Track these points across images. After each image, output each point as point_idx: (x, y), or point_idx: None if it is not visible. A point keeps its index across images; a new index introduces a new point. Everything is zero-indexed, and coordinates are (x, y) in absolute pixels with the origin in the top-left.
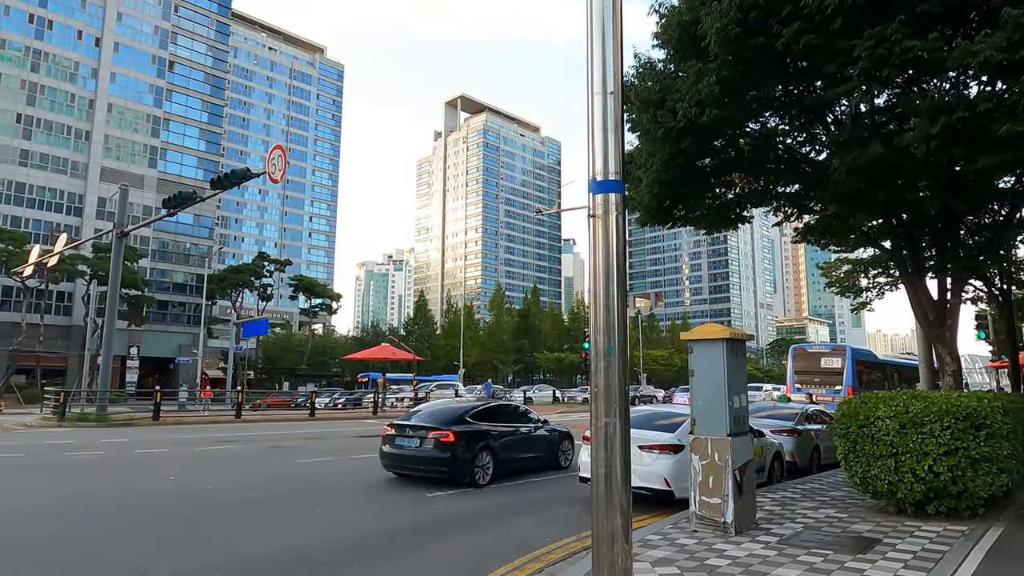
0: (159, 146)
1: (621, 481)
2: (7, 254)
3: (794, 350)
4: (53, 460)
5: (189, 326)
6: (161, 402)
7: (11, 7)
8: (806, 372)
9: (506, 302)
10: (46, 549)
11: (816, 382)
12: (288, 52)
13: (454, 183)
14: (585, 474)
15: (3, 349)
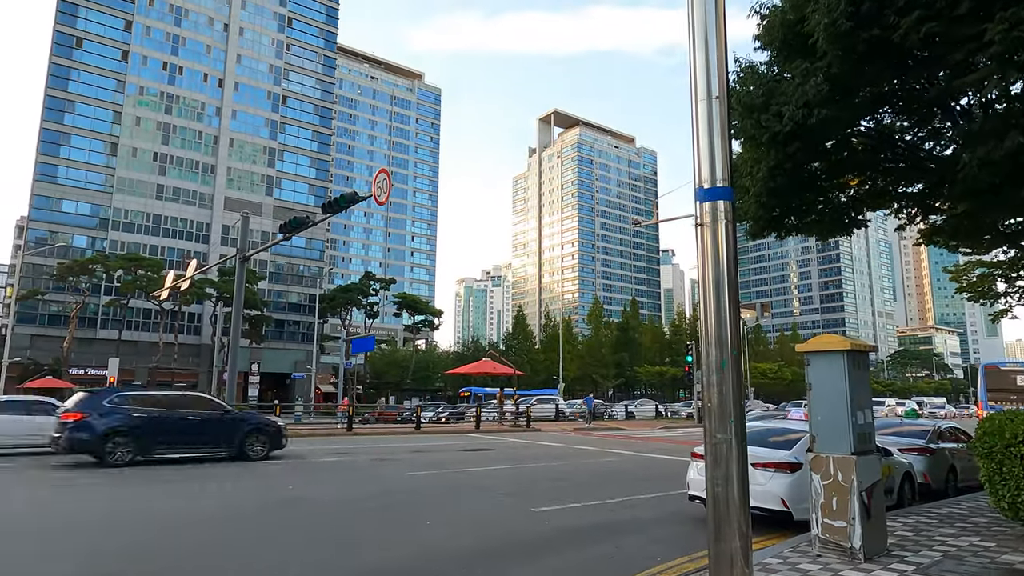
0: (275, 175)
1: (739, 501)
2: (147, 280)
3: (985, 367)
4: (194, 472)
5: (303, 343)
6: (280, 415)
7: (148, 57)
8: (999, 390)
9: (604, 315)
10: (189, 552)
11: (1012, 399)
12: (389, 80)
13: (549, 198)
14: (695, 492)
15: (143, 366)
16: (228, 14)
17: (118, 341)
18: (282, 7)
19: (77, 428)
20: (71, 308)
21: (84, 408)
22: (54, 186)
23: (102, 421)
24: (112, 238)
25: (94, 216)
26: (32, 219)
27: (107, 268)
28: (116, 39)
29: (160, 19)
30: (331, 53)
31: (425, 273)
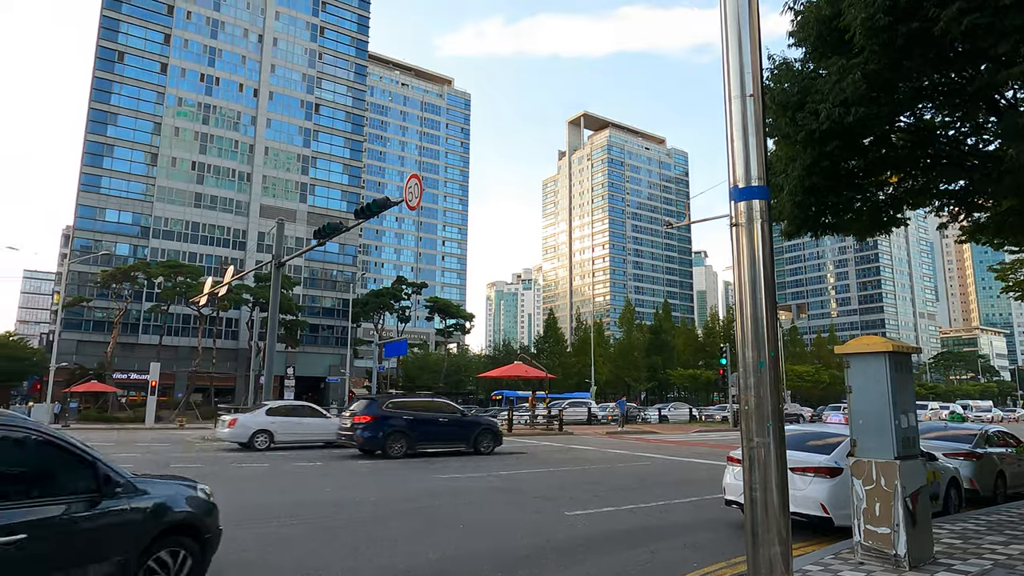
0: (308, 182)
1: (778, 507)
2: (186, 286)
3: None
4: (227, 473)
5: (337, 347)
6: None
7: (187, 69)
8: None
9: (636, 318)
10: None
11: None
12: (419, 86)
13: (580, 200)
14: (731, 497)
15: (183, 370)
16: (262, 25)
17: (159, 346)
18: (314, 17)
19: (367, 428)
20: (114, 314)
21: (370, 412)
22: (98, 196)
23: (384, 423)
24: (153, 246)
25: (136, 224)
26: (77, 228)
27: (148, 275)
28: (156, 52)
29: (197, 32)
30: (362, 61)
31: (456, 277)
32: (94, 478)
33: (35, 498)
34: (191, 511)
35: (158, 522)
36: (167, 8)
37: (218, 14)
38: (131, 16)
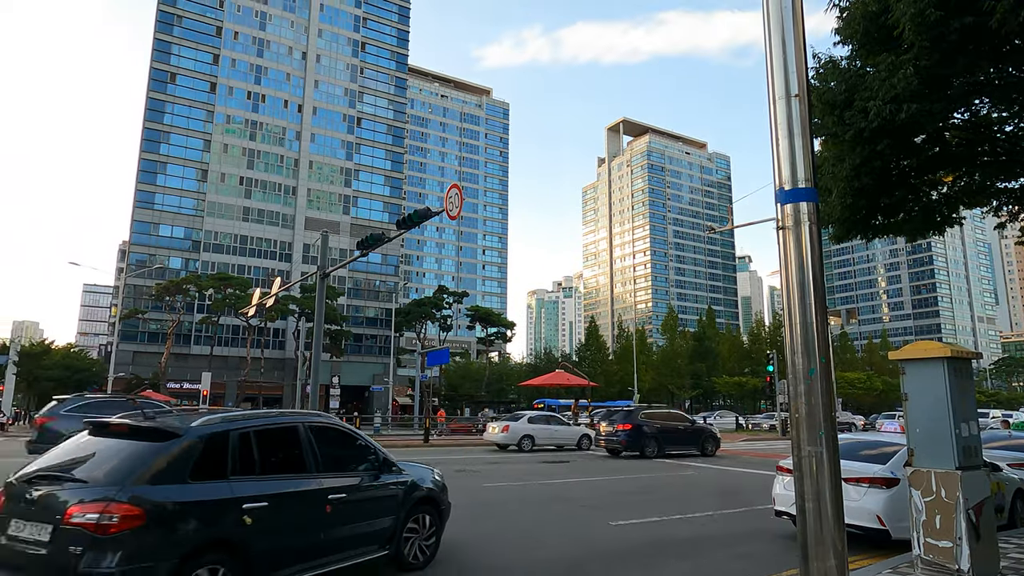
0: (351, 194)
1: (832, 518)
2: (235, 298)
3: None
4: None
5: (380, 356)
6: (360, 427)
7: (234, 87)
8: None
9: (679, 325)
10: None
11: None
12: (458, 97)
13: (620, 207)
14: (781, 507)
15: (233, 380)
16: (306, 43)
17: (210, 356)
18: (356, 33)
19: (629, 434)
20: (168, 326)
21: (630, 421)
22: (152, 212)
23: (641, 430)
24: (204, 259)
25: (187, 239)
26: (133, 243)
27: (199, 287)
28: (205, 72)
29: (244, 51)
30: (402, 74)
31: (497, 285)
32: (377, 460)
33: (348, 470)
34: (432, 488)
35: (413, 494)
36: (216, 29)
37: (264, 33)
38: (182, 39)
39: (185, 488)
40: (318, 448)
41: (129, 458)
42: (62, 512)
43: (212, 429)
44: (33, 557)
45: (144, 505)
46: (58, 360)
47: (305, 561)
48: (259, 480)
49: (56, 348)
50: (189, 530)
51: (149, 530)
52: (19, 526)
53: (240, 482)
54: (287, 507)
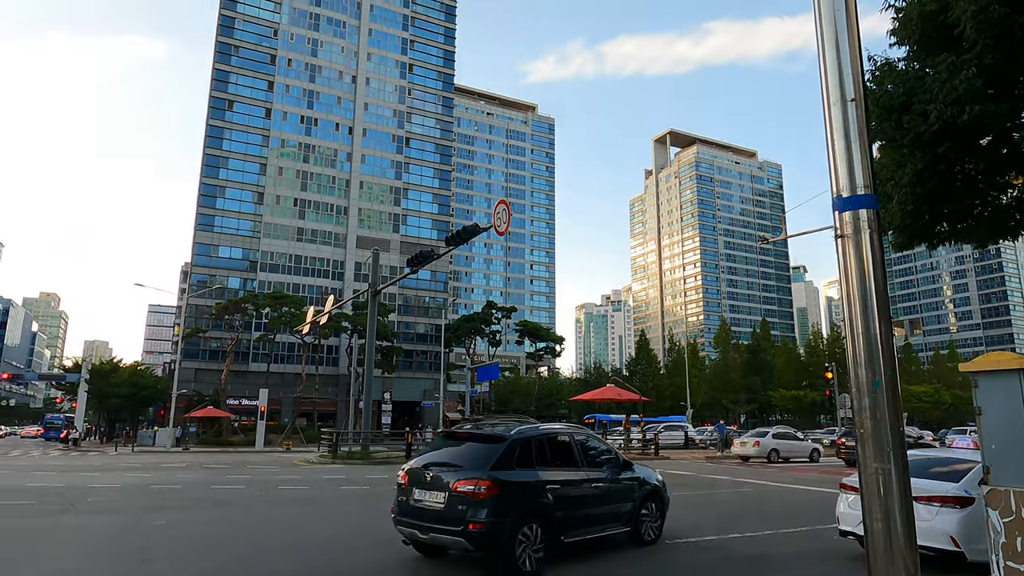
0: (400, 213)
1: (903, 538)
2: (290, 316)
3: None
4: (331, 494)
5: (431, 372)
6: (412, 442)
7: (288, 112)
8: None
9: (732, 338)
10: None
11: None
12: (503, 114)
13: (668, 219)
14: (846, 527)
15: (289, 396)
16: (356, 67)
17: (267, 373)
18: (403, 55)
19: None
20: (227, 344)
21: None
22: (212, 234)
23: None
24: (260, 278)
25: (245, 259)
26: (194, 265)
27: (257, 306)
28: (261, 99)
29: (297, 77)
30: (449, 94)
31: (545, 300)
32: (618, 461)
33: (601, 467)
34: (657, 484)
35: (643, 487)
36: (270, 58)
37: (315, 59)
38: (239, 67)
39: (514, 472)
40: (581, 450)
41: (482, 453)
42: (451, 485)
43: (524, 435)
44: (433, 511)
45: (496, 481)
46: (126, 378)
47: (580, 528)
48: (551, 469)
49: (124, 366)
50: (520, 499)
51: (500, 497)
52: (421, 493)
53: (542, 470)
54: (569, 489)
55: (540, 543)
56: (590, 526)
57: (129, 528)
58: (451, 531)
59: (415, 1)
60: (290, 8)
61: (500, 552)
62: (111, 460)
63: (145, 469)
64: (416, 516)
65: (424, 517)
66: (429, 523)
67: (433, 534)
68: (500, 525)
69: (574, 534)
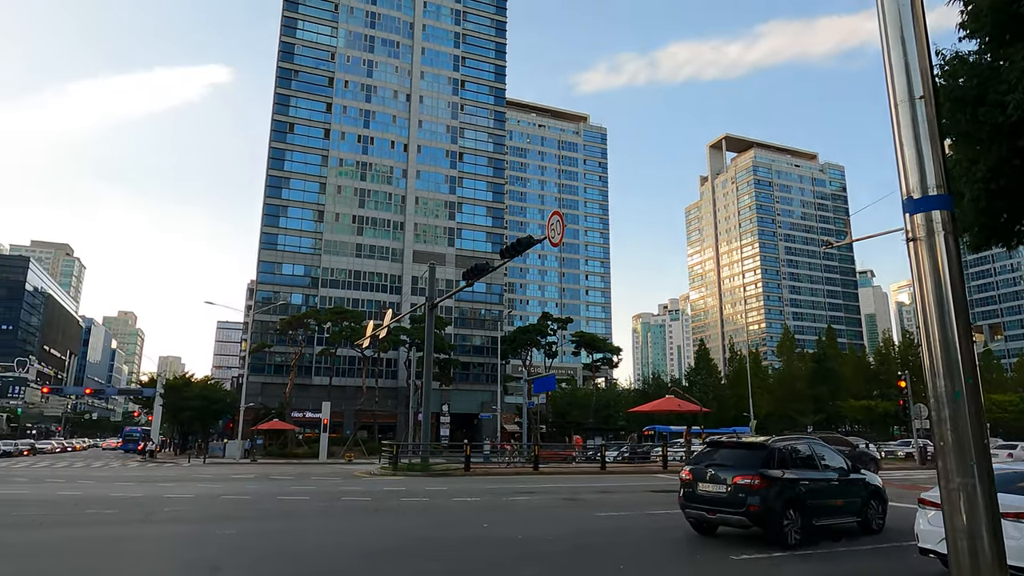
0: (455, 227)
1: (991, 558)
2: (350, 330)
3: None
4: (392, 504)
5: (488, 384)
6: (470, 455)
7: (346, 132)
8: None
9: (797, 346)
10: None
11: None
12: (555, 126)
13: (726, 225)
14: (926, 545)
15: (350, 408)
16: (409, 85)
17: (329, 386)
18: (455, 72)
19: None
20: (291, 358)
21: None
22: (275, 252)
23: None
24: (321, 294)
25: (307, 276)
26: (259, 282)
27: (318, 321)
28: (319, 120)
29: (354, 98)
30: (500, 108)
31: (601, 311)
32: (847, 464)
33: (834, 469)
34: (879, 485)
35: (868, 487)
36: (328, 80)
37: (371, 80)
38: (299, 91)
39: (776, 471)
40: (819, 457)
41: (751, 457)
42: (730, 479)
43: (779, 444)
44: (719, 498)
45: (765, 477)
46: (197, 392)
47: (825, 515)
48: (800, 470)
49: (195, 381)
50: (782, 490)
51: (769, 488)
52: (705, 486)
53: (795, 470)
54: (814, 485)
55: (799, 524)
56: (832, 515)
57: (201, 537)
58: (735, 512)
59: (466, 19)
60: (346, 32)
61: (772, 527)
62: (184, 471)
63: (216, 480)
64: (703, 502)
65: (711, 502)
66: (716, 507)
67: (720, 514)
68: (771, 508)
69: (821, 519)
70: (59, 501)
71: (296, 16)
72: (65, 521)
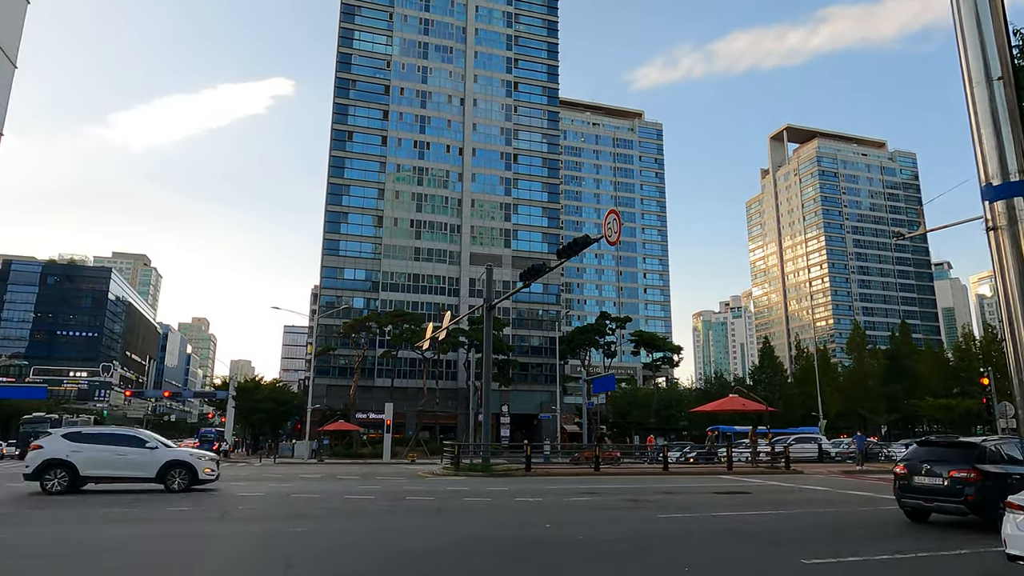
0: (511, 228)
1: None
2: (410, 332)
3: None
4: (455, 504)
5: (546, 385)
6: (531, 455)
7: (402, 138)
8: None
9: (868, 342)
10: None
11: None
12: (609, 124)
13: (789, 219)
14: (1015, 551)
15: (412, 409)
16: (463, 89)
17: (391, 388)
18: (508, 74)
19: None
20: (354, 360)
21: None
22: (337, 258)
23: None
24: (382, 298)
25: (368, 280)
26: (323, 287)
27: (379, 324)
28: (377, 128)
29: (409, 104)
30: (554, 108)
31: (660, 309)
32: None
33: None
34: None
35: None
36: (384, 88)
37: (425, 86)
38: (357, 100)
39: (986, 465)
40: (1020, 451)
41: (963, 453)
42: (946, 473)
43: (987, 443)
44: (936, 489)
45: (979, 471)
46: (267, 394)
47: None
48: (1005, 465)
49: (264, 384)
50: (995, 482)
51: (982, 480)
52: (921, 479)
53: (1003, 465)
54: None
55: None
56: None
57: (273, 535)
58: (953, 500)
59: (518, 21)
60: (401, 40)
61: (988, 515)
62: (256, 471)
63: (286, 479)
64: (920, 493)
65: (928, 493)
66: (933, 496)
67: (937, 503)
68: (987, 498)
69: None
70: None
71: (352, 27)
72: (143, 518)
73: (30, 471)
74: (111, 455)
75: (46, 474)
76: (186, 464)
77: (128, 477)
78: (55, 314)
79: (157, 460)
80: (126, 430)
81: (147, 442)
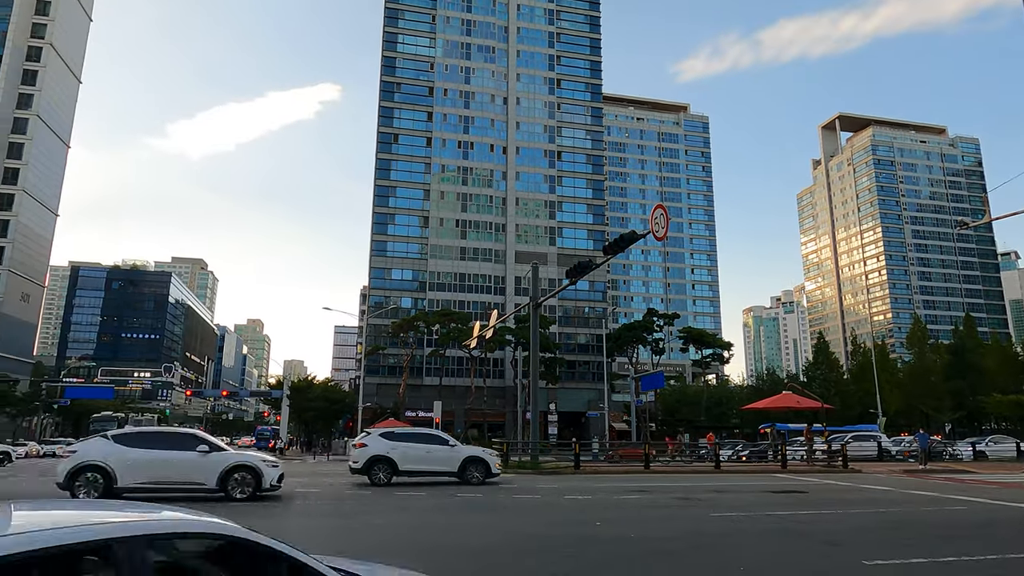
0: (556, 226)
1: None
2: (457, 331)
3: None
4: (505, 502)
5: (594, 382)
6: (579, 453)
7: (447, 139)
8: None
9: (929, 337)
10: None
11: None
12: (654, 118)
13: (843, 210)
14: None
15: (460, 408)
16: (506, 88)
17: (439, 386)
18: (550, 72)
19: None
20: (403, 359)
21: None
22: (385, 258)
23: None
24: (429, 297)
25: (415, 280)
26: (372, 288)
27: (427, 323)
28: (421, 129)
29: (453, 105)
30: (597, 104)
31: (708, 305)
32: None
33: None
34: None
35: None
36: (428, 90)
37: (468, 87)
38: (402, 103)
39: None
40: None
41: None
42: None
43: None
44: None
45: None
46: (319, 393)
47: None
48: None
49: (317, 383)
50: None
51: None
52: None
53: None
54: None
55: None
56: None
57: (338, 529)
58: None
59: (560, 18)
60: (443, 41)
61: None
62: (311, 467)
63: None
64: None
65: None
66: None
67: None
68: None
69: None
70: None
71: (396, 31)
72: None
73: (359, 466)
74: (422, 452)
75: (373, 468)
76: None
77: (435, 471)
78: (120, 317)
79: (457, 456)
80: (430, 431)
81: (448, 441)
